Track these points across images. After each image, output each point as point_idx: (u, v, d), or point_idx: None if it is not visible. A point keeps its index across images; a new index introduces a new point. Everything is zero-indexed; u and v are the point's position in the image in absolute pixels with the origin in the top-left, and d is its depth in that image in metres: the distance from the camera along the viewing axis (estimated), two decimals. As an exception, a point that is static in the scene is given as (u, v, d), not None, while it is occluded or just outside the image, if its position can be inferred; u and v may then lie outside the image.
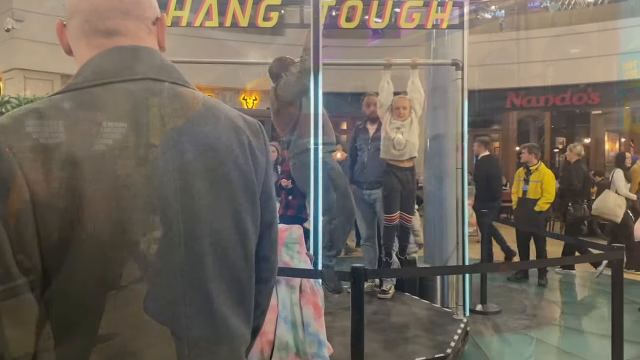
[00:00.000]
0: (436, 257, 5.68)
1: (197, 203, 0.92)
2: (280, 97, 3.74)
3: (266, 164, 1.07)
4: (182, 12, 4.07)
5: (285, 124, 3.78)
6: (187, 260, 0.91)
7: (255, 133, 1.07)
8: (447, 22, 4.13)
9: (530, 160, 6.72)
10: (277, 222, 1.15)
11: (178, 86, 0.99)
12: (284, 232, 2.65)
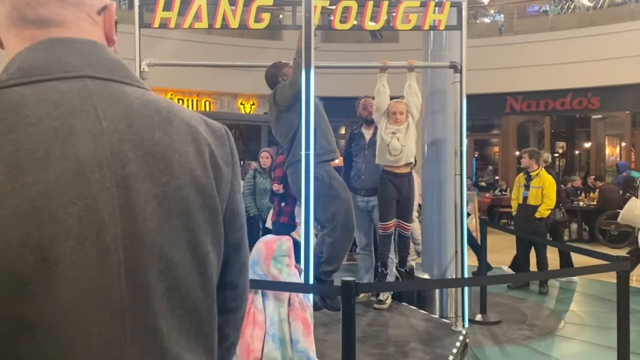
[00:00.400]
0: (435, 266, 5.53)
1: (141, 225, 0.77)
2: (279, 103, 3.61)
3: (232, 176, 0.92)
4: (170, 14, 3.93)
5: (286, 131, 3.64)
6: (129, 294, 0.76)
7: (220, 140, 0.92)
8: (445, 23, 3.99)
9: (530, 166, 6.58)
10: (246, 242, 0.99)
11: (125, 85, 0.84)
12: (273, 244, 2.51)
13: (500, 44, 14.17)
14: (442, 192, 5.38)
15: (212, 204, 0.86)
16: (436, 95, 5.43)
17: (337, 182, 3.69)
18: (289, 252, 2.52)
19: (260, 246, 2.52)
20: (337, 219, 3.55)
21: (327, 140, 3.71)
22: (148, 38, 12.23)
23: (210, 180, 0.86)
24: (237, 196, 0.94)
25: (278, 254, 2.48)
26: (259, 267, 2.49)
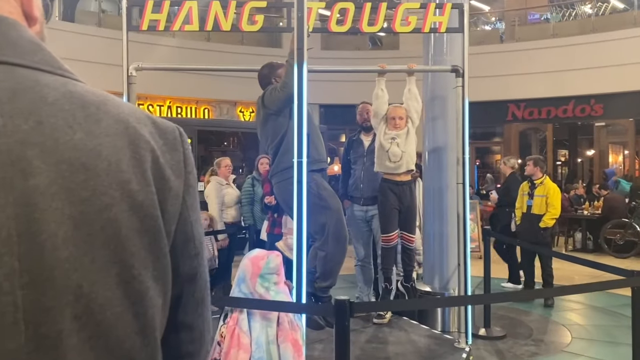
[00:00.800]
0: (436, 277, 5.34)
1: (49, 257, 0.58)
2: (267, 105, 3.42)
3: (185, 190, 0.73)
4: (159, 16, 3.77)
5: (272, 136, 3.46)
6: (32, 349, 0.57)
7: (170, 145, 0.73)
8: (446, 26, 3.82)
9: (535, 174, 6.39)
10: (204, 273, 0.79)
11: (40, 73, 0.66)
12: (260, 260, 2.31)
13: (501, 51, 14.03)
14: (444, 201, 5.19)
15: (152, 226, 0.67)
16: (437, 101, 5.26)
17: (326, 192, 3.50)
18: (277, 270, 2.32)
19: (246, 263, 2.33)
20: (327, 230, 3.36)
21: (316, 149, 3.52)
22: (145, 45, 12.11)
23: (151, 195, 0.67)
24: (191, 215, 0.74)
25: (265, 272, 2.29)
26: (244, 285, 2.30)
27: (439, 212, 5.23)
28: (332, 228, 3.38)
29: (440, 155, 5.30)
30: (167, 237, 0.69)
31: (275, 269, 2.30)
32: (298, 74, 2.67)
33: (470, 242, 8.89)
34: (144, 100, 13.94)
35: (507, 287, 6.93)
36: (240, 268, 2.33)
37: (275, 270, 2.30)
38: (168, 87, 12.81)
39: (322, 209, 3.37)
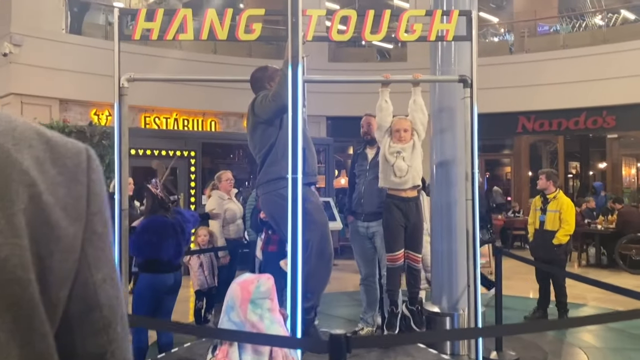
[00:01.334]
0: (444, 297, 5.10)
1: None
2: (257, 113, 3.25)
3: (85, 239, 0.54)
4: (152, 24, 3.61)
5: (260, 145, 3.27)
6: None
7: (69, 174, 0.54)
8: (453, 34, 3.63)
9: (547, 188, 6.14)
10: (121, 350, 0.58)
11: None
12: (250, 285, 2.12)
13: (511, 62, 13.84)
14: (452, 218, 4.97)
15: (18, 296, 0.47)
16: (444, 113, 5.06)
17: (312, 205, 3.29)
18: (269, 294, 2.12)
19: (234, 288, 2.13)
20: (311, 246, 3.15)
21: (307, 162, 3.32)
22: (151, 57, 12.02)
23: (18, 250, 0.47)
24: (94, 274, 0.55)
25: (256, 297, 2.09)
26: (234, 313, 2.09)
27: (447, 229, 5.01)
28: (315, 244, 3.18)
29: (448, 170, 5.09)
30: (51, 308, 0.49)
31: (267, 293, 2.10)
32: (292, 83, 2.48)
33: (480, 258, 8.66)
34: (151, 113, 13.86)
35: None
36: (228, 294, 2.13)
37: (267, 294, 2.10)
38: (174, 99, 12.72)
39: (307, 224, 3.18)
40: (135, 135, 9.47)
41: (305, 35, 3.65)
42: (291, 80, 2.48)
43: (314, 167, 3.46)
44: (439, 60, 5.07)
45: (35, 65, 11.37)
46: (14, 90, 11.68)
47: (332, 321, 5.97)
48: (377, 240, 4.24)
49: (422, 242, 3.99)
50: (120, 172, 3.61)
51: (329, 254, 3.35)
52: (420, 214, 3.87)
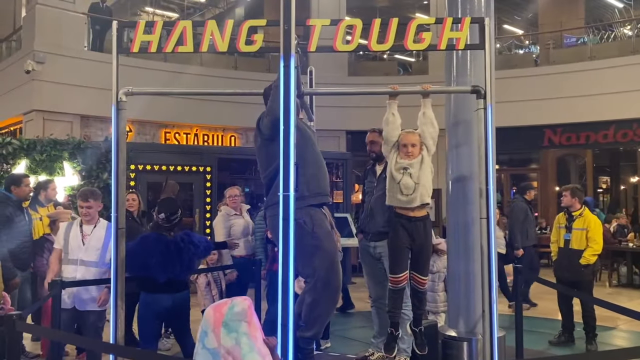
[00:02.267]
0: (461, 320, 4.82)
1: None
2: (262, 130, 3.10)
3: None
4: (151, 37, 3.50)
5: (266, 164, 3.12)
6: None
7: None
8: (464, 42, 3.42)
9: (573, 205, 5.83)
10: None
11: None
12: (223, 306, 1.92)
13: (536, 74, 13.50)
14: (469, 237, 4.71)
15: None
16: (460, 126, 4.83)
17: (322, 231, 3.10)
18: (245, 316, 1.92)
19: (207, 312, 1.95)
20: (317, 274, 2.96)
21: (317, 180, 3.13)
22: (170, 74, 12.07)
23: None
24: None
25: (230, 318, 1.89)
26: (208, 339, 1.91)
27: (464, 249, 4.75)
28: (322, 272, 2.99)
29: (465, 186, 4.84)
30: None
31: (241, 315, 1.90)
32: (285, 95, 2.32)
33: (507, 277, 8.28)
34: (171, 129, 13.91)
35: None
36: (203, 320, 1.94)
37: (242, 316, 1.90)
38: (194, 115, 12.72)
39: (315, 250, 2.98)
40: (150, 151, 9.46)
41: (309, 46, 3.50)
42: (283, 90, 2.31)
43: (325, 186, 3.26)
44: (454, 71, 4.86)
45: (57, 82, 11.51)
46: (36, 106, 11.82)
47: (344, 343, 5.73)
48: (385, 261, 4.03)
49: (428, 264, 3.75)
50: (117, 189, 3.47)
51: (336, 285, 3.15)
52: (428, 235, 3.64)
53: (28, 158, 7.71)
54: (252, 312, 1.98)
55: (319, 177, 3.15)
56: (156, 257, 3.76)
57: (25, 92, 12.09)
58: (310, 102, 4.42)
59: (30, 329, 3.04)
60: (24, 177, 5.79)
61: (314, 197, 3.08)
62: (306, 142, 3.09)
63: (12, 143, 7.73)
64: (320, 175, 3.16)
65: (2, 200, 5.40)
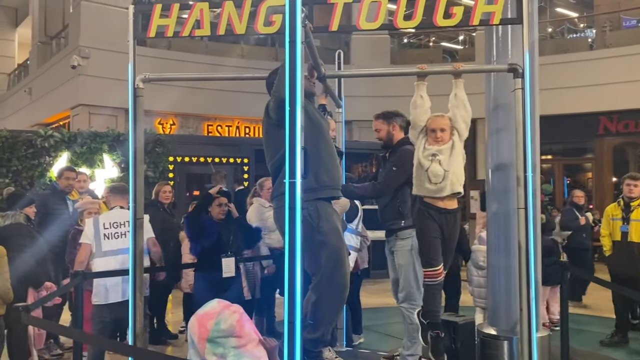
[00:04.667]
0: (502, 318, 4.52)
1: None
2: (270, 114, 2.93)
3: None
4: (168, 21, 3.39)
5: (273, 152, 2.95)
6: None
7: None
8: (499, 17, 3.13)
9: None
10: None
11: None
12: (209, 320, 1.75)
13: (591, 58, 12.77)
14: (511, 229, 4.39)
15: None
16: (500, 111, 4.50)
17: (328, 225, 2.89)
18: (233, 331, 1.74)
19: (192, 322, 1.78)
20: (322, 271, 2.77)
21: (328, 171, 2.92)
22: (210, 66, 12.07)
23: None
24: None
25: (215, 336, 1.72)
26: (193, 350, 1.75)
27: (505, 243, 4.44)
28: (327, 270, 2.79)
29: (506, 175, 4.52)
30: None
31: (229, 331, 1.73)
32: (290, 73, 2.13)
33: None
34: (214, 122, 13.99)
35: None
36: (189, 326, 1.78)
37: (229, 332, 1.73)
38: (234, 107, 12.72)
39: (321, 245, 2.79)
40: (189, 143, 9.50)
41: (330, 25, 3.30)
42: (289, 68, 2.12)
43: (336, 178, 3.06)
44: (493, 51, 4.53)
45: (102, 76, 11.73)
46: (82, 101, 12.11)
47: (379, 339, 5.52)
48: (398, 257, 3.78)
49: (451, 258, 3.46)
50: (135, 179, 3.38)
51: (343, 283, 2.94)
52: (457, 228, 3.36)
53: (69, 151, 7.85)
54: (241, 324, 1.81)
55: (330, 168, 2.95)
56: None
57: (72, 87, 12.41)
58: (339, 89, 4.21)
59: (37, 323, 3.00)
60: (65, 170, 5.90)
61: (323, 190, 2.89)
62: (317, 130, 2.88)
63: (54, 136, 7.88)
64: (330, 167, 2.96)
65: (49, 190, 5.53)
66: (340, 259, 2.90)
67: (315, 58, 3.13)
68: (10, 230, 4.40)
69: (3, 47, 20.35)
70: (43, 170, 7.71)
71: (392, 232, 3.83)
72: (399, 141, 3.82)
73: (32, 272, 4.26)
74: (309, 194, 2.76)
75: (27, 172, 7.63)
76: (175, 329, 5.92)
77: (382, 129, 3.89)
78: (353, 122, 13.61)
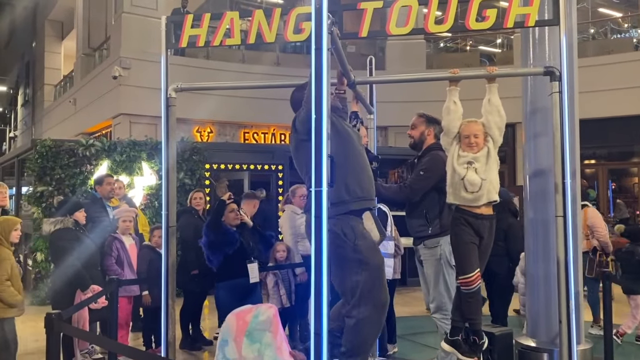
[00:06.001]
0: (542, 329, 4.37)
1: None
2: (298, 129, 2.91)
3: None
4: (199, 31, 3.43)
5: (307, 165, 2.93)
6: None
7: None
8: (535, 18, 3.04)
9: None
10: None
11: None
12: (247, 314, 1.75)
13: (636, 59, 12.32)
14: (550, 237, 4.25)
15: None
16: (539, 115, 4.38)
17: (365, 243, 2.80)
18: (270, 325, 1.73)
19: (229, 319, 1.78)
20: (361, 291, 2.66)
21: (359, 183, 2.84)
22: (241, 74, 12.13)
23: None
24: None
25: (254, 327, 1.72)
26: (229, 348, 1.74)
27: (543, 251, 4.30)
28: (366, 289, 2.68)
29: (544, 181, 4.38)
30: None
31: (266, 324, 1.72)
32: (316, 81, 2.10)
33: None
34: (250, 129, 14.13)
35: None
36: (224, 327, 1.78)
37: (266, 325, 1.72)
38: (270, 114, 12.80)
39: (357, 264, 2.70)
40: (224, 150, 9.60)
41: (360, 32, 3.27)
42: (314, 76, 2.10)
43: (369, 189, 2.97)
44: (530, 54, 4.41)
45: (142, 86, 12.00)
46: (123, 110, 12.42)
47: (414, 349, 5.41)
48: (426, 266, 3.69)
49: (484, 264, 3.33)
50: (167, 187, 3.42)
51: (383, 302, 2.83)
52: (492, 235, 3.25)
53: (109, 159, 8.03)
54: (277, 321, 1.80)
55: (362, 179, 2.88)
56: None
57: (113, 96, 12.74)
58: (370, 94, 4.17)
59: (70, 330, 3.05)
60: (106, 177, 6.03)
61: (356, 202, 2.81)
62: (346, 141, 2.83)
63: (95, 145, 8.08)
64: (362, 178, 2.90)
65: (90, 199, 5.66)
66: (380, 278, 2.81)
67: (344, 65, 3.10)
68: (58, 235, 4.54)
69: (50, 59, 21.08)
70: (84, 178, 7.91)
71: (420, 240, 3.74)
72: (430, 146, 3.74)
73: (79, 276, 4.38)
74: (341, 206, 2.71)
75: (70, 180, 7.84)
76: (211, 334, 5.96)
77: (419, 128, 3.81)
78: (388, 127, 13.51)
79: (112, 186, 5.89)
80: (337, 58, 2.90)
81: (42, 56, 21.17)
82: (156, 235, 5.21)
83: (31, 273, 7.95)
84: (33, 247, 7.79)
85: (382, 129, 13.34)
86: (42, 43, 21.28)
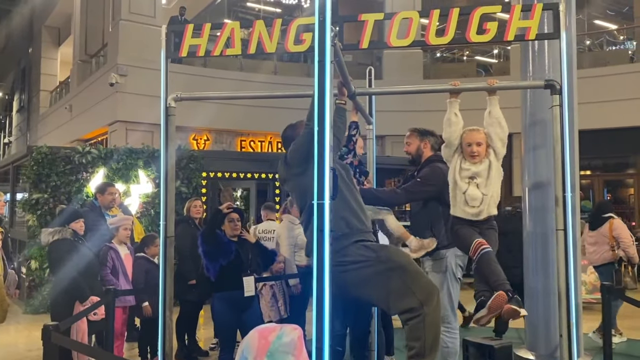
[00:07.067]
0: (541, 343, 4.37)
1: None
2: (290, 163, 2.93)
3: None
4: (200, 40, 3.41)
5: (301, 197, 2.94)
6: None
7: None
8: (535, 32, 3.04)
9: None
10: None
11: None
12: (270, 333, 1.71)
13: (632, 71, 12.43)
14: (549, 250, 4.27)
15: None
16: (538, 127, 4.40)
17: (383, 250, 2.79)
18: (293, 348, 1.70)
19: (252, 336, 1.74)
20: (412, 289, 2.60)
21: (357, 216, 2.86)
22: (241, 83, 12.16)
23: None
24: None
25: (275, 348, 1.68)
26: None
27: (543, 264, 4.31)
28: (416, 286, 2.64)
29: (544, 194, 4.41)
30: None
31: (290, 346, 1.68)
32: (319, 93, 2.08)
33: (592, 293, 7.60)
34: (247, 137, 14.12)
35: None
36: (244, 343, 1.74)
37: (290, 348, 1.68)
38: (267, 122, 12.80)
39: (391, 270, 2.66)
40: (221, 158, 9.57)
41: (360, 43, 3.26)
42: (317, 88, 2.09)
43: (366, 221, 2.95)
44: (529, 66, 4.43)
45: (139, 93, 11.98)
46: (119, 117, 12.39)
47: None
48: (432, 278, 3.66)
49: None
50: (166, 198, 3.38)
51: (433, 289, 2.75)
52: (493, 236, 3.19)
53: (105, 166, 8.00)
54: (301, 344, 1.76)
55: (358, 213, 2.89)
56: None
57: (110, 104, 12.72)
58: (370, 105, 4.16)
59: (66, 343, 3.00)
60: (108, 186, 5.89)
61: (358, 234, 2.82)
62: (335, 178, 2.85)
63: (91, 152, 8.05)
64: (359, 212, 2.90)
65: (89, 208, 5.58)
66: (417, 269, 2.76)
67: (345, 76, 3.09)
68: (56, 246, 4.48)
69: (46, 65, 21.05)
70: (80, 185, 7.87)
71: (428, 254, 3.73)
72: (429, 158, 3.74)
73: (77, 286, 4.32)
74: (343, 240, 2.71)
75: (65, 188, 7.80)
76: (206, 345, 5.91)
77: (414, 143, 3.82)
78: (386, 137, 13.52)
79: (114, 196, 5.80)
80: (338, 69, 2.89)
81: (39, 62, 21.14)
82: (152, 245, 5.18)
83: (25, 281, 7.89)
84: (28, 254, 7.73)
85: (379, 138, 13.36)
86: (39, 49, 21.25)
